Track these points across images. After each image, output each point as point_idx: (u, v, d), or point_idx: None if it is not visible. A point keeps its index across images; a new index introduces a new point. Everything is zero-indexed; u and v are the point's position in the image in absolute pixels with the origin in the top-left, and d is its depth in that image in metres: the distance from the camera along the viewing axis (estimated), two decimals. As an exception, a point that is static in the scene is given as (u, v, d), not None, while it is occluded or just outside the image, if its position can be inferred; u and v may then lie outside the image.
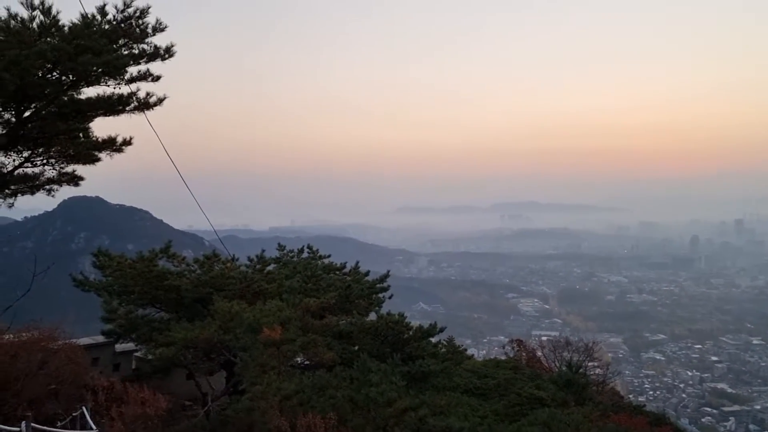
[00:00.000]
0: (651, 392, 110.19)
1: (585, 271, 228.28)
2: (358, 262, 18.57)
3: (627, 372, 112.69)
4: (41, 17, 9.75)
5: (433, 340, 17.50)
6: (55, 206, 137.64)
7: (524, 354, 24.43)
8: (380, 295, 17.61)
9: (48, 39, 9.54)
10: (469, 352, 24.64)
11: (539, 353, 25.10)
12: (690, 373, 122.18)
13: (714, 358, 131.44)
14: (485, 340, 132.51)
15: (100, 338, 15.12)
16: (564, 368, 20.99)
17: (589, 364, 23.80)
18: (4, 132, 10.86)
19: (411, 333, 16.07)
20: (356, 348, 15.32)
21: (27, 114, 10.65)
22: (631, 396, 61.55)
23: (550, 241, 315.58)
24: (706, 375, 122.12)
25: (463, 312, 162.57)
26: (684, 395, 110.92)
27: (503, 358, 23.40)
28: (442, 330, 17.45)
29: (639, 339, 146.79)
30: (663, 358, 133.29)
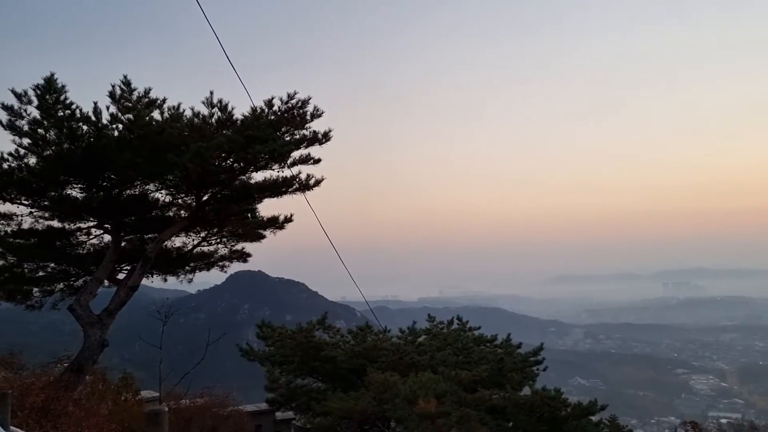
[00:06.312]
0: None
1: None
2: (509, 334, 18.05)
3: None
4: (219, 113, 11.05)
5: (594, 418, 16.30)
6: (224, 280, 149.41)
7: (701, 438, 21.89)
8: (534, 369, 16.89)
9: (224, 132, 10.74)
10: (636, 433, 22.53)
11: (718, 438, 22.35)
12: None
13: None
14: (653, 421, 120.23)
15: (263, 405, 15.91)
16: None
17: (781, 452, 20.74)
18: (186, 215, 12.24)
19: (569, 410, 15.11)
20: (510, 424, 14.70)
21: (205, 198, 11.92)
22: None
23: (723, 311, 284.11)
24: None
25: (625, 389, 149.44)
26: None
27: (676, 441, 21.16)
28: (603, 408, 16.21)
29: None
30: None
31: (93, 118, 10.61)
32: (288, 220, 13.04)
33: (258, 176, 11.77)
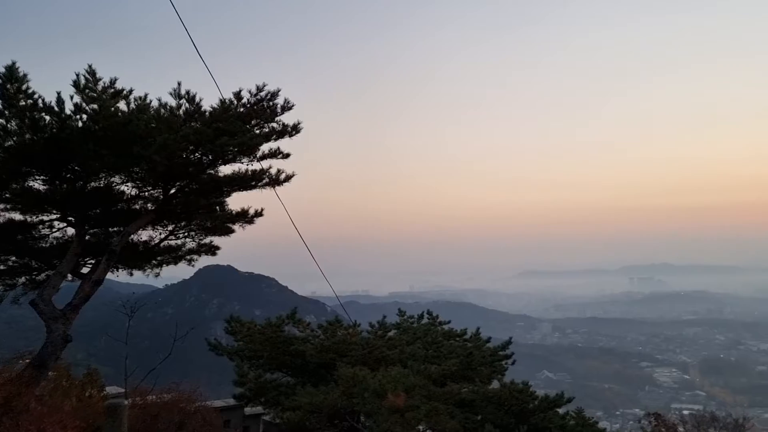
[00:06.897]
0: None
1: (729, 338, 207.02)
2: (478, 328, 18.22)
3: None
4: (186, 105, 10.86)
5: (561, 411, 16.56)
6: (192, 275, 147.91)
7: (663, 429, 22.36)
8: (503, 363, 17.07)
9: (192, 124, 10.58)
10: (601, 425, 22.99)
11: (681, 429, 22.90)
12: None
13: None
14: (618, 413, 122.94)
15: (231, 401, 15.79)
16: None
17: (741, 443, 21.34)
18: (153, 208, 12.04)
19: (536, 403, 15.31)
20: (479, 417, 14.84)
21: (172, 191, 11.75)
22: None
23: (686, 306, 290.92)
24: None
25: (591, 381, 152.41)
26: None
27: (640, 433, 21.62)
28: (569, 400, 16.47)
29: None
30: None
31: (56, 109, 10.34)
32: (258, 214, 12.94)
33: (227, 170, 11.65)
